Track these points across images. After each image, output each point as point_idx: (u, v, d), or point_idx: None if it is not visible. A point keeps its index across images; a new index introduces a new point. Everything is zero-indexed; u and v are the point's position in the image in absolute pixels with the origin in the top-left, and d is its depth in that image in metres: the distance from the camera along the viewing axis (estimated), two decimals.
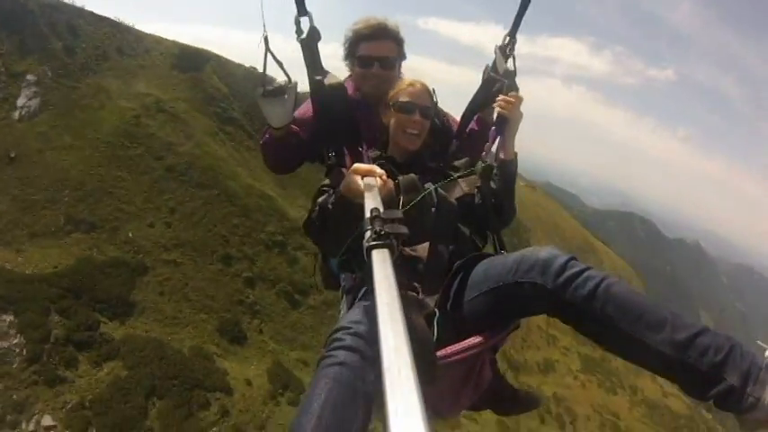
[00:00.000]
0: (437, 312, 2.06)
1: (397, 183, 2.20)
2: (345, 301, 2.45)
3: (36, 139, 26.44)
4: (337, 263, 2.54)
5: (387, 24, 2.90)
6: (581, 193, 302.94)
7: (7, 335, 18.45)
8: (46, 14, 30.72)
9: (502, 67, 2.71)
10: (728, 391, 1.62)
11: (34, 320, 19.09)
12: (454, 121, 3.04)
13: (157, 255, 24.83)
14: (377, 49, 2.88)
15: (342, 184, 2.07)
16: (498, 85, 2.68)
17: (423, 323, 1.91)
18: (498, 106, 2.56)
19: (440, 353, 2.00)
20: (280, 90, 2.60)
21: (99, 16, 34.11)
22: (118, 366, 19.48)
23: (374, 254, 1.17)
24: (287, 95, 2.61)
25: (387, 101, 2.64)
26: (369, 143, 2.73)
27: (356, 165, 2.01)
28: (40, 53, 29.30)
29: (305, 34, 2.59)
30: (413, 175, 2.34)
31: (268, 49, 2.45)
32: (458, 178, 2.53)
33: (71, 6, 32.99)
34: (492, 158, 2.59)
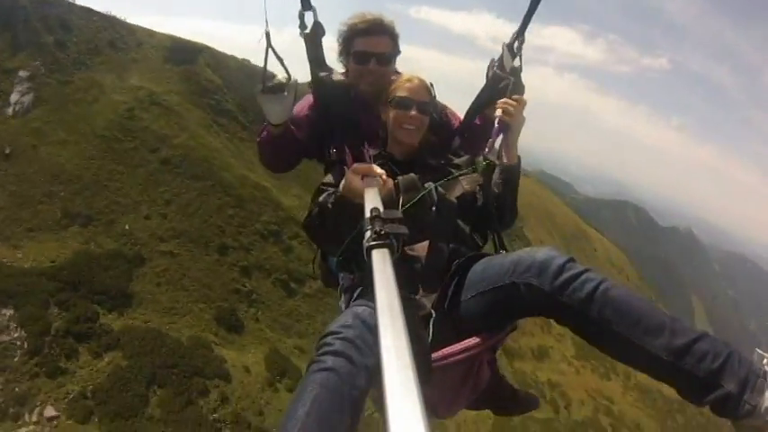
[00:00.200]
0: (433, 313, 2.05)
1: (397, 183, 2.20)
2: (343, 300, 2.46)
3: (30, 134, 26.56)
4: (336, 263, 2.51)
5: (382, 19, 2.82)
6: (574, 182, 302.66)
7: (8, 328, 18.72)
8: (38, 10, 30.66)
9: (509, 64, 2.66)
10: (725, 397, 1.63)
11: (34, 314, 19.35)
12: (452, 114, 3.00)
13: (154, 246, 25.04)
14: (373, 45, 2.80)
15: (342, 183, 2.07)
16: (504, 83, 2.62)
17: (418, 323, 1.95)
18: (500, 112, 2.51)
19: (438, 354, 2.00)
20: (279, 87, 2.56)
21: (90, 10, 34.04)
22: (118, 356, 19.76)
23: (374, 254, 1.19)
24: (286, 92, 2.57)
25: (384, 97, 2.61)
26: (369, 141, 2.69)
27: (356, 164, 2.02)
28: (32, 48, 29.31)
29: (309, 29, 2.58)
30: (412, 175, 2.33)
31: (269, 44, 2.42)
32: (459, 176, 2.49)
33: (62, 1, 32.83)
34: (494, 155, 2.55)
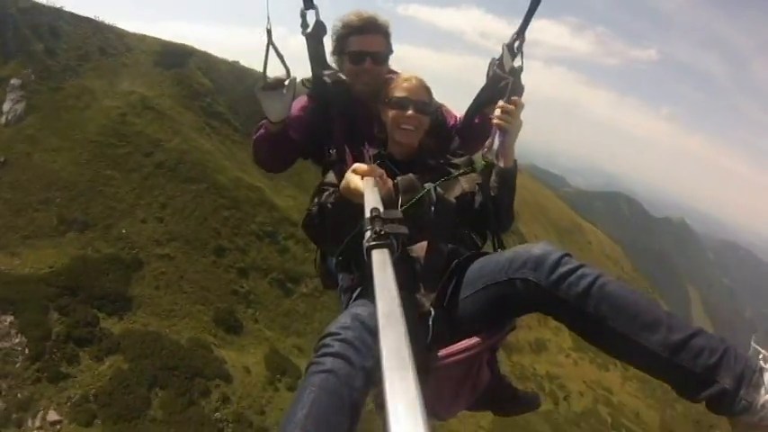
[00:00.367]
0: (432, 312, 2.04)
1: (396, 183, 2.21)
2: (343, 300, 2.46)
3: (24, 142, 26.62)
4: (335, 263, 2.49)
5: (377, 18, 2.80)
6: (566, 175, 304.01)
7: (8, 335, 18.83)
8: (27, 17, 30.64)
9: (509, 64, 2.65)
10: (721, 393, 1.62)
11: (34, 320, 19.48)
12: (447, 113, 2.97)
13: (151, 250, 25.16)
14: (368, 44, 2.78)
15: (341, 184, 2.06)
16: (504, 83, 2.58)
17: (417, 323, 1.97)
18: (497, 118, 2.44)
19: (437, 354, 2.02)
20: (279, 84, 2.56)
21: (79, 16, 34.04)
22: (119, 360, 19.92)
23: (374, 254, 1.19)
24: (286, 89, 2.57)
25: (383, 97, 2.59)
26: (369, 141, 2.68)
27: (355, 165, 2.01)
28: (22, 56, 29.31)
29: (310, 28, 2.56)
30: (411, 175, 2.33)
31: (271, 41, 2.42)
32: (458, 176, 2.49)
33: (51, 8, 32.80)
34: (493, 155, 2.52)
